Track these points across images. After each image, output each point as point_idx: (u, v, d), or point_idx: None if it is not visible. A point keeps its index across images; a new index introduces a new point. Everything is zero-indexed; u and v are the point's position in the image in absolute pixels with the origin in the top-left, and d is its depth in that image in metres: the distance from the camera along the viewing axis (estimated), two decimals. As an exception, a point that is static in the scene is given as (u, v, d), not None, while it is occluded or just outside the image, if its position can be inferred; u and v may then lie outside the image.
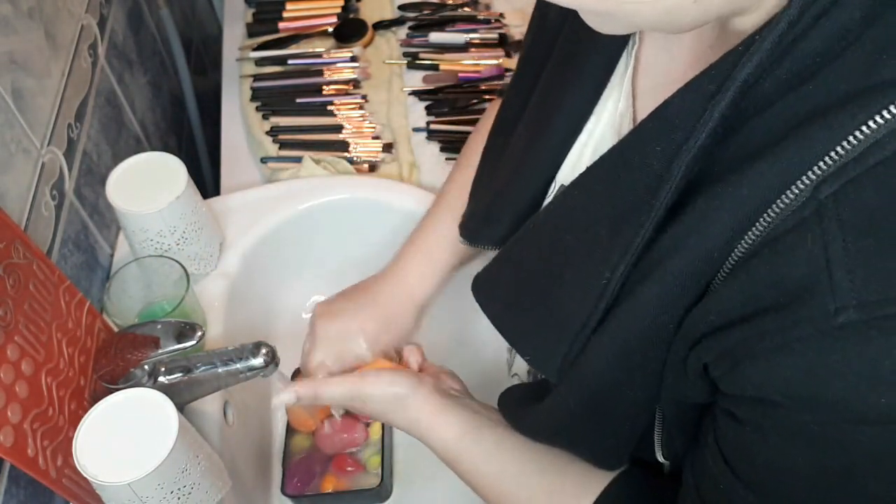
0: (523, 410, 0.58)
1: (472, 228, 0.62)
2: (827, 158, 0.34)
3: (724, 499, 0.43)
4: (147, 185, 0.78)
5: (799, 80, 0.36)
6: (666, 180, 0.39)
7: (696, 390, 0.42)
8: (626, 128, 0.50)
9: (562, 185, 0.54)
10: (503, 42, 1.12)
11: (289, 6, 1.20)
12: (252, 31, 1.18)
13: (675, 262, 0.40)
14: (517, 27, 1.15)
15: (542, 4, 0.57)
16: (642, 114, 0.49)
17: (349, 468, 0.86)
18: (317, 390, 0.68)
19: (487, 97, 1.04)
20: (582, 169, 0.49)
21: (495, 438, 0.60)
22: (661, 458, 0.51)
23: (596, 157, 0.47)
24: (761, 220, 0.36)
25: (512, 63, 1.07)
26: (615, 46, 0.50)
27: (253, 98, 1.09)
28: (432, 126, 1.03)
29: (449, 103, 1.05)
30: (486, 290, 0.56)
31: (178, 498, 0.62)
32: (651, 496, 0.55)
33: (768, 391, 0.37)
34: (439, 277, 0.73)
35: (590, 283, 0.44)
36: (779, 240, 0.36)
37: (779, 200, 0.35)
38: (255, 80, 1.10)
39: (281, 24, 1.18)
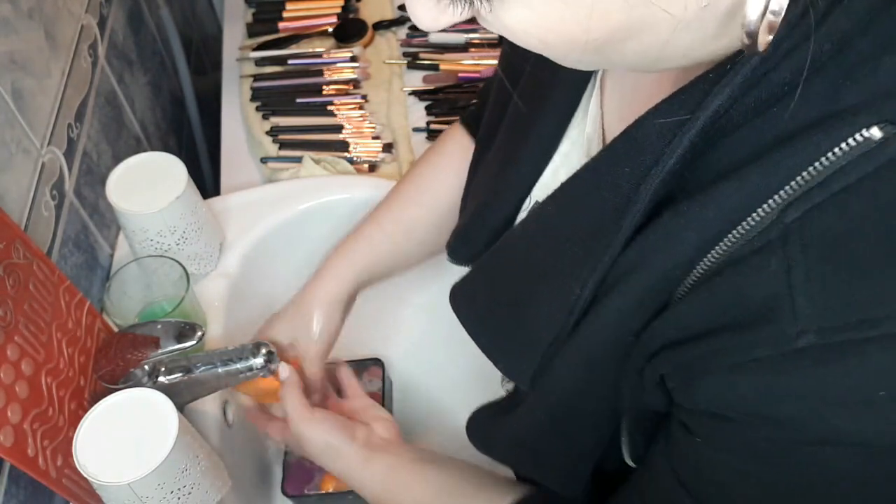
0: (493, 425, 0.59)
1: (453, 246, 0.63)
2: (793, 183, 0.34)
3: None
4: (147, 185, 0.78)
5: (766, 105, 0.36)
6: (634, 202, 0.40)
7: (654, 400, 0.43)
8: (595, 149, 0.50)
9: (536, 202, 0.54)
10: (503, 42, 1.12)
11: (289, 6, 1.20)
12: (252, 31, 1.18)
13: (638, 277, 0.40)
14: (517, 27, 1.15)
15: None
16: (610, 135, 0.49)
17: (349, 468, 0.86)
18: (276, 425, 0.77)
19: (487, 97, 1.04)
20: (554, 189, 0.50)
21: (414, 475, 0.66)
22: (629, 462, 0.51)
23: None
24: (725, 240, 0.37)
25: (512, 63, 1.07)
26: (584, 72, 0.51)
27: (253, 98, 1.09)
28: (432, 126, 1.03)
29: (449, 103, 1.05)
30: (462, 301, 0.57)
31: (178, 498, 0.62)
32: None
33: (722, 407, 0.37)
34: (352, 277, 0.77)
35: (560, 298, 0.45)
36: (743, 260, 0.36)
37: (744, 223, 0.36)
38: (255, 80, 1.10)
39: (281, 24, 1.18)
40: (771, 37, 0.32)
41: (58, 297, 0.65)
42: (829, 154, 0.33)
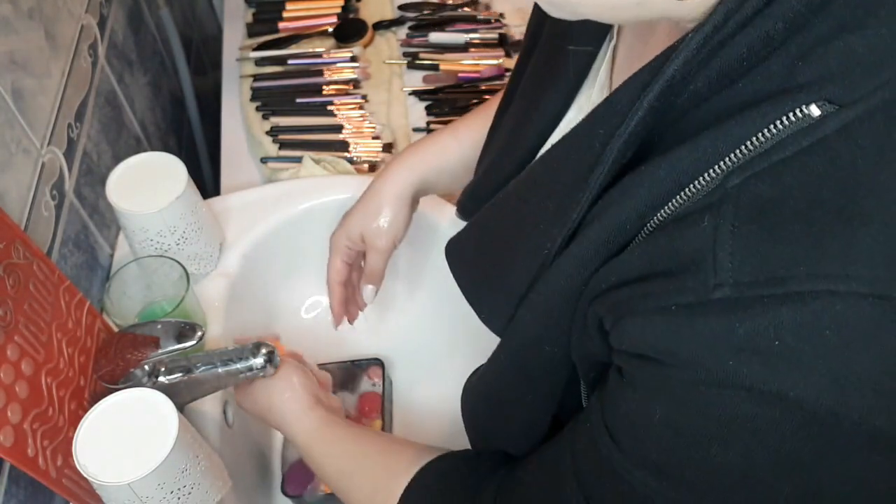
0: (470, 384, 0.63)
1: (463, 204, 0.67)
2: (737, 151, 0.37)
3: (591, 445, 0.46)
4: (147, 185, 0.78)
5: (729, 80, 0.39)
6: (600, 163, 0.43)
7: (596, 346, 0.45)
8: None
9: None
10: (503, 42, 1.13)
11: (289, 6, 1.20)
12: (252, 31, 1.18)
13: (594, 228, 0.43)
14: (517, 27, 1.15)
15: None
16: None
17: (349, 468, 0.86)
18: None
19: (487, 97, 1.04)
20: None
21: (340, 434, 0.71)
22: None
23: None
24: (673, 200, 0.40)
25: (511, 63, 1.07)
26: (595, 41, 0.54)
27: (253, 98, 1.09)
28: (432, 126, 1.03)
29: (449, 103, 1.05)
30: (455, 252, 0.60)
31: (178, 498, 0.62)
32: (467, 469, 0.61)
33: (641, 346, 0.40)
34: (419, 181, 0.79)
35: (534, 253, 0.48)
36: (683, 218, 0.39)
37: (691, 185, 0.39)
38: (255, 80, 1.10)
39: (281, 24, 1.18)
40: None
41: (58, 297, 0.65)
42: (772, 126, 0.36)
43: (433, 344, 0.96)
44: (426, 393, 0.95)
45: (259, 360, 0.68)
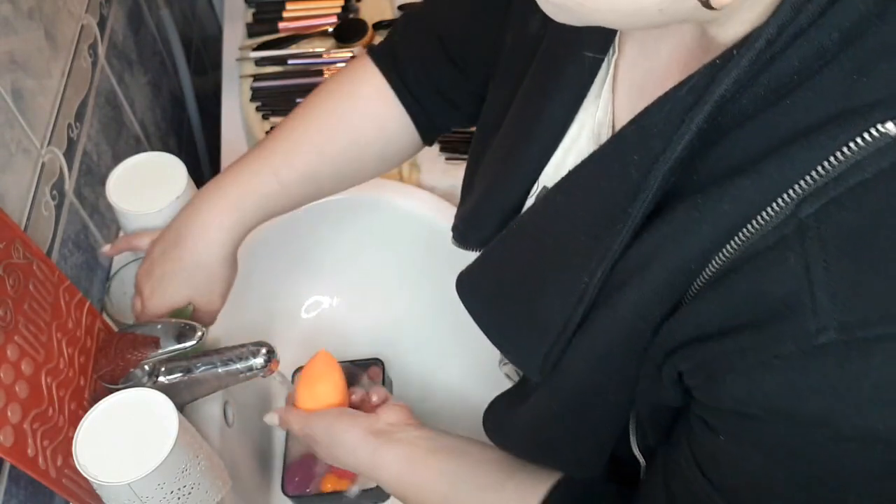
0: (506, 417, 0.59)
1: (462, 230, 0.63)
2: (808, 177, 0.34)
3: (695, 501, 0.43)
4: (147, 185, 0.78)
5: (776, 95, 0.36)
6: (643, 189, 0.40)
7: (671, 396, 0.43)
8: (605, 135, 0.50)
9: (544, 187, 0.54)
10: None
11: (289, 6, 1.20)
12: (252, 31, 1.18)
13: (653, 270, 0.40)
14: (517, 27, 1.14)
15: (524, 11, 0.58)
16: (620, 122, 0.49)
17: (349, 468, 0.86)
18: (288, 418, 0.73)
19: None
20: (564, 173, 0.50)
21: (432, 467, 0.63)
22: (637, 454, 0.51)
23: (577, 163, 0.48)
24: (740, 234, 0.37)
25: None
26: (596, 54, 0.51)
27: (253, 98, 1.09)
28: (432, 126, 1.03)
29: (449, 103, 1.05)
30: (469, 289, 0.57)
31: (178, 498, 0.62)
32: (592, 499, 0.56)
33: (746, 405, 0.37)
34: (241, 232, 0.71)
35: (569, 287, 0.45)
36: (759, 256, 0.36)
37: (759, 217, 0.36)
38: (255, 80, 1.10)
39: (281, 24, 1.18)
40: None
41: (58, 297, 0.65)
42: (845, 148, 0.34)
43: (433, 344, 0.96)
44: (426, 393, 0.95)
45: (259, 360, 0.68)
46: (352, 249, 0.98)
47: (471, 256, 0.59)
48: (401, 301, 0.99)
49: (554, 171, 0.53)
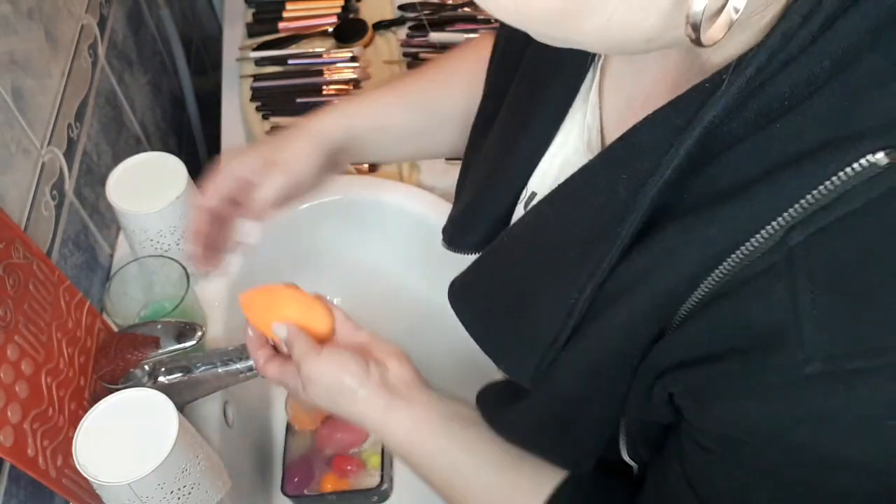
0: (499, 409, 0.59)
1: (451, 233, 0.63)
2: (797, 205, 0.34)
3: None
4: (147, 185, 0.78)
5: (766, 119, 0.36)
6: (632, 210, 0.40)
7: (662, 413, 0.43)
8: (595, 139, 0.50)
9: (532, 193, 0.55)
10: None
11: (289, 6, 1.20)
12: (252, 31, 1.18)
13: (642, 292, 0.40)
14: (517, 27, 1.14)
15: None
16: (609, 126, 0.50)
17: (349, 468, 0.86)
18: (296, 342, 0.62)
19: (487, 97, 1.04)
20: (552, 178, 0.49)
21: (447, 434, 0.59)
22: (627, 460, 0.52)
23: (565, 168, 0.48)
24: (729, 259, 0.37)
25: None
26: (582, 59, 0.51)
27: (253, 98, 1.09)
28: (432, 126, 1.03)
29: (449, 103, 1.05)
30: (461, 298, 0.56)
31: (178, 498, 0.62)
32: (602, 496, 0.56)
33: (733, 430, 0.38)
34: (348, 128, 0.68)
35: (559, 301, 0.45)
36: (748, 283, 0.36)
37: (748, 243, 0.36)
38: (255, 80, 1.10)
39: (281, 24, 1.18)
40: (723, 34, 0.32)
41: (58, 297, 0.65)
42: (834, 178, 0.33)
43: (432, 344, 0.96)
44: (426, 393, 0.95)
45: (259, 360, 0.68)
46: (352, 249, 0.98)
47: (469, 258, 0.59)
48: (400, 300, 0.99)
49: (542, 177, 0.54)
